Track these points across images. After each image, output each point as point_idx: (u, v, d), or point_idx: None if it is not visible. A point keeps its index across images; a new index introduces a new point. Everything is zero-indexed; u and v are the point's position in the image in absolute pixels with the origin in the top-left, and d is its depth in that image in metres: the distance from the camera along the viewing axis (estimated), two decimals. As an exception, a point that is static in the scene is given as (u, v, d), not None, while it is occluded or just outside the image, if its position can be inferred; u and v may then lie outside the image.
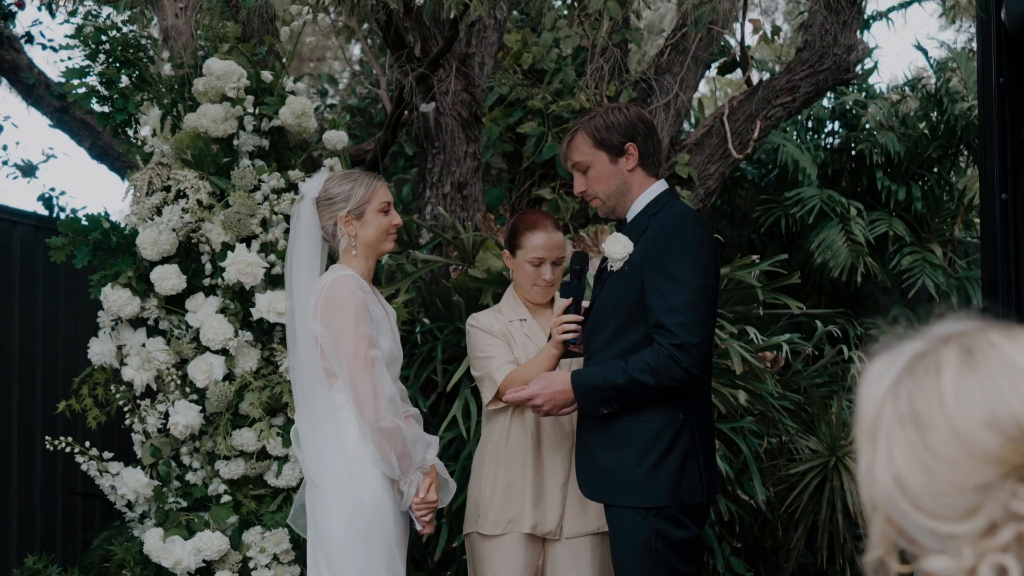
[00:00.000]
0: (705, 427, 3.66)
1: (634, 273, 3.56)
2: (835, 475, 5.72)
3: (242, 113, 4.48)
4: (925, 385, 1.30)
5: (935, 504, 1.27)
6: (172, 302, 4.51)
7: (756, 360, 5.47)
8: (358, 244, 3.75)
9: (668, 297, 3.46)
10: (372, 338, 3.62)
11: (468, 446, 5.03)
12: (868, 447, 1.34)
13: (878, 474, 1.32)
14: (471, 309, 5.17)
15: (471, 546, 4.12)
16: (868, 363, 1.38)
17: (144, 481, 4.44)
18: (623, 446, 3.57)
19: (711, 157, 6.50)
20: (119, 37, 4.57)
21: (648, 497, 3.53)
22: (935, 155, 7.54)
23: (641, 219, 3.66)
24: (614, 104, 3.79)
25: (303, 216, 3.77)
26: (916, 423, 1.29)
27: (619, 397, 3.53)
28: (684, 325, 3.43)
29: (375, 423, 3.55)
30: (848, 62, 6.48)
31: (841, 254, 7.10)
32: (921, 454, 1.28)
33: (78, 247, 4.50)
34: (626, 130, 3.66)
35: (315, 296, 3.65)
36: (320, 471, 3.61)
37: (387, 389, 3.60)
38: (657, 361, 3.44)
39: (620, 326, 3.61)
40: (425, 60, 5.80)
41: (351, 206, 3.73)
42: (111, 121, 4.60)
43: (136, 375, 4.43)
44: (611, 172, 3.68)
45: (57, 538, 5.98)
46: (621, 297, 3.60)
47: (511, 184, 7.13)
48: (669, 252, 3.51)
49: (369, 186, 3.78)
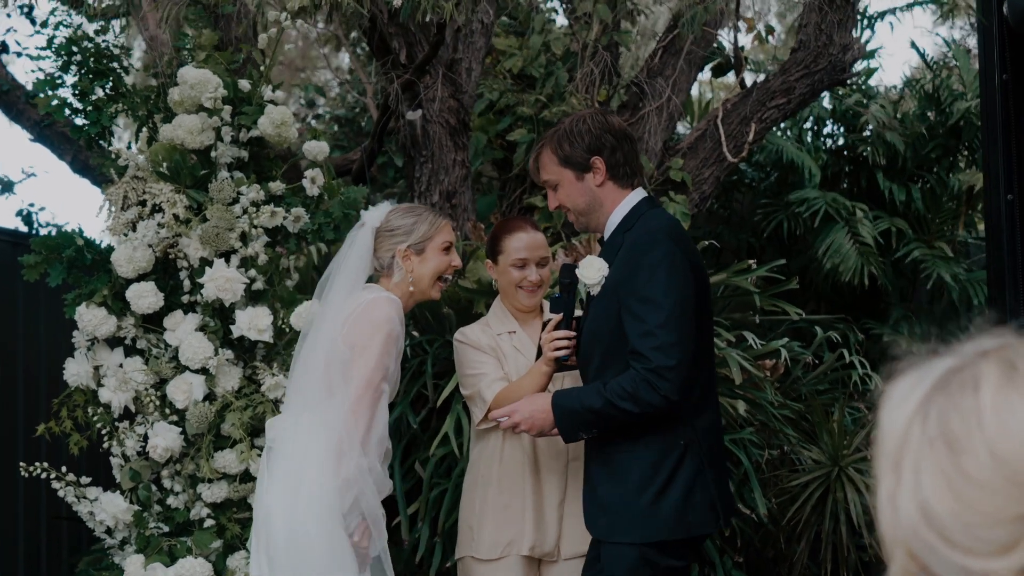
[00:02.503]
0: (714, 449, 3.50)
1: (611, 297, 3.43)
2: (838, 485, 5.57)
3: (219, 124, 4.33)
4: (961, 403, 1.13)
5: (967, 537, 1.10)
6: (149, 321, 4.36)
7: (755, 368, 5.33)
8: (414, 281, 3.65)
9: (642, 320, 3.31)
10: (389, 372, 3.51)
11: (460, 463, 4.88)
12: (890, 474, 1.17)
13: (902, 504, 1.14)
14: (462, 321, 5.02)
15: (465, 570, 3.98)
16: (892, 381, 1.21)
17: (123, 506, 4.28)
18: (623, 478, 3.42)
19: (705, 161, 6.36)
20: (92, 48, 4.42)
21: (649, 532, 3.38)
22: (934, 155, 7.41)
23: (616, 236, 3.52)
24: (580, 113, 3.62)
25: (358, 242, 3.68)
26: (949, 445, 1.12)
27: (597, 422, 3.38)
28: (659, 349, 3.28)
29: (357, 457, 3.41)
30: (844, 62, 6.34)
31: (851, 258, 6.94)
32: (953, 480, 1.11)
33: (52, 265, 4.34)
34: (590, 144, 3.50)
35: (349, 309, 3.53)
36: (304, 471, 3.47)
37: (381, 429, 3.50)
38: (634, 387, 3.29)
39: (605, 354, 3.48)
40: (411, 67, 5.66)
41: (412, 240, 3.65)
42: (85, 134, 4.45)
43: (113, 396, 4.27)
44: (579, 189, 3.54)
45: (42, 563, 5.83)
46: (602, 323, 3.47)
47: (501, 192, 6.99)
48: (639, 273, 3.36)
49: (433, 223, 3.70)
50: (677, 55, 6.45)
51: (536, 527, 3.85)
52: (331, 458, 3.43)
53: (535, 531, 3.84)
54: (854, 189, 7.67)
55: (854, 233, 7.01)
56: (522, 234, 3.94)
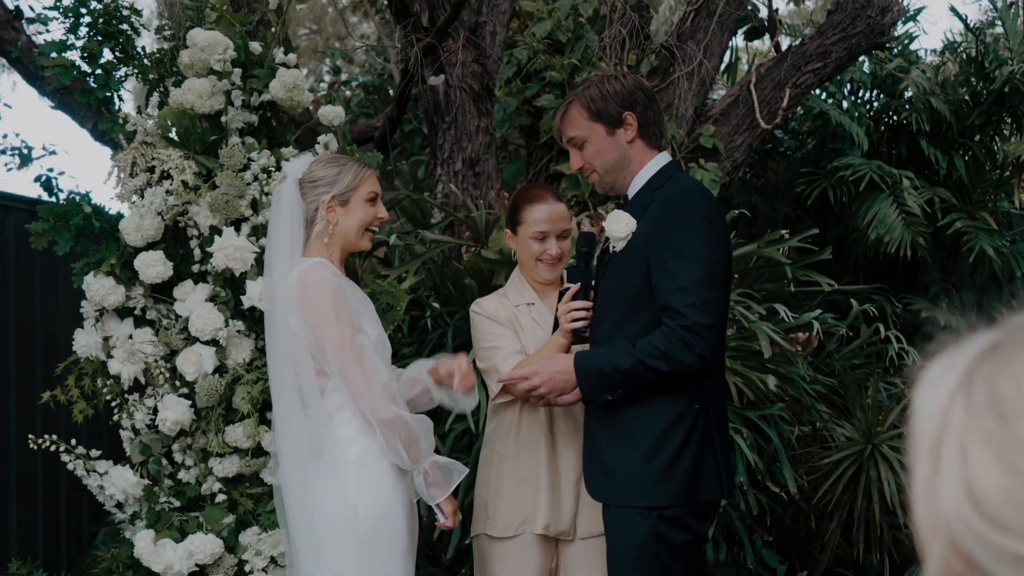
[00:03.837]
0: (720, 416, 3.37)
1: (638, 253, 3.26)
2: (871, 463, 5.39)
3: (230, 87, 4.19)
4: (1013, 363, 0.95)
5: (1021, 518, 0.93)
6: (159, 290, 4.24)
7: (786, 342, 5.15)
8: (334, 233, 3.48)
9: (677, 276, 3.15)
10: (356, 325, 3.35)
11: (479, 439, 4.75)
12: (928, 457, 0.98)
13: (942, 490, 0.95)
14: (483, 292, 4.87)
15: (480, 548, 3.85)
16: (928, 361, 1.04)
17: (133, 480, 4.17)
18: (631, 441, 3.27)
19: (738, 128, 6.17)
20: (100, 8, 4.29)
21: (661, 496, 3.23)
22: (977, 122, 7.15)
23: (644, 194, 3.36)
24: (609, 73, 3.49)
25: (285, 198, 3.49)
26: (1000, 412, 0.93)
27: (625, 383, 3.23)
28: (695, 306, 3.12)
29: (373, 415, 3.29)
30: (882, 25, 6.12)
31: (896, 228, 6.70)
32: (1006, 451, 0.92)
33: (60, 233, 4.23)
34: (624, 99, 3.37)
35: (286, 292, 3.37)
36: (307, 476, 3.35)
37: (380, 376, 3.33)
38: (667, 345, 3.14)
39: (625, 312, 3.31)
40: (432, 30, 5.49)
41: (337, 190, 3.47)
42: (93, 98, 4.32)
43: (123, 368, 4.16)
44: (609, 145, 3.39)
45: (62, 534, 5.77)
46: (625, 280, 3.30)
47: (528, 159, 6.81)
48: (675, 227, 3.20)
49: (358, 173, 3.51)
50: (709, 18, 6.24)
51: (551, 505, 3.71)
52: (361, 430, 3.34)
53: (550, 509, 3.71)
54: (892, 156, 7.43)
55: (899, 202, 6.76)
56: (543, 205, 3.78)
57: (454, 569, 5.17)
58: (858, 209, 6.95)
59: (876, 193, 6.89)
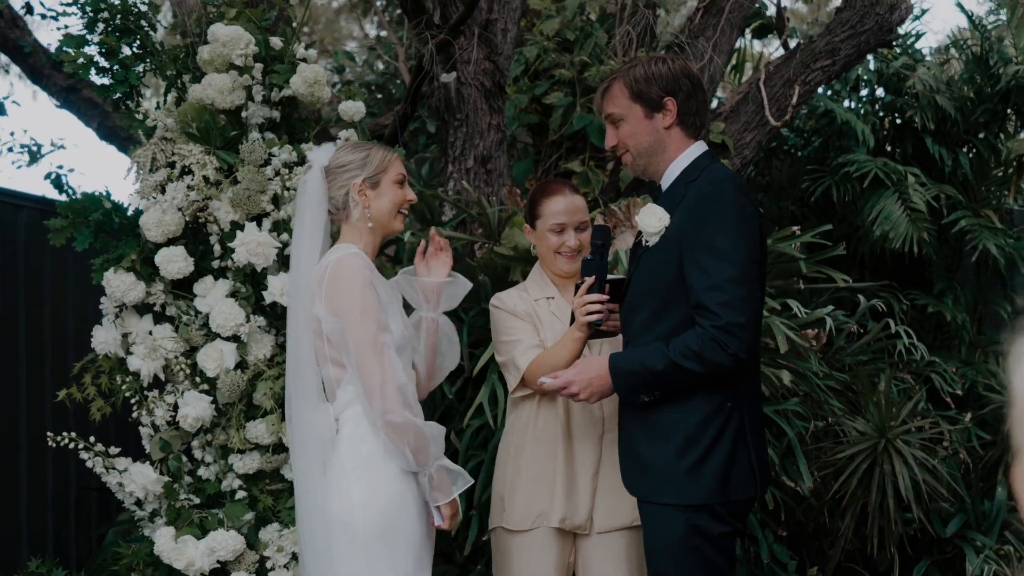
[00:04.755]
0: (755, 414, 3.35)
1: (671, 248, 3.24)
2: (885, 458, 5.40)
3: (250, 83, 4.18)
4: None
5: None
6: (179, 286, 4.23)
7: (799, 338, 5.16)
8: (373, 216, 3.46)
9: (710, 274, 3.13)
10: (382, 322, 3.33)
11: (496, 434, 4.75)
12: None
13: None
14: (498, 288, 4.87)
15: (497, 542, 3.86)
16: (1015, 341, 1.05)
17: (153, 477, 4.16)
18: (665, 437, 3.26)
19: (747, 125, 6.18)
20: (119, 4, 4.27)
21: (692, 494, 3.22)
22: (982, 119, 7.17)
23: (678, 187, 3.34)
24: (659, 55, 3.46)
25: (310, 187, 3.48)
26: None
27: (659, 383, 3.21)
28: (728, 304, 3.10)
29: (382, 416, 3.28)
30: (891, 22, 6.14)
31: (901, 225, 6.71)
32: None
33: (79, 229, 4.21)
34: (667, 84, 3.33)
35: (317, 278, 3.36)
36: (313, 472, 3.35)
37: (397, 377, 3.31)
38: (701, 346, 3.12)
39: (658, 307, 3.28)
40: (445, 27, 5.48)
41: (367, 173, 3.47)
42: (111, 93, 4.30)
43: (143, 365, 4.14)
44: (645, 128, 3.36)
45: (71, 534, 5.75)
46: (657, 275, 3.28)
47: (537, 157, 6.81)
48: (709, 222, 3.18)
49: (385, 156, 3.52)
50: (718, 16, 6.25)
51: (567, 498, 3.71)
52: (370, 428, 3.33)
53: (566, 502, 3.71)
54: (897, 153, 7.45)
55: (904, 199, 6.77)
56: (560, 198, 3.79)
57: (469, 566, 5.16)
58: (863, 206, 6.97)
59: (881, 190, 6.89)
